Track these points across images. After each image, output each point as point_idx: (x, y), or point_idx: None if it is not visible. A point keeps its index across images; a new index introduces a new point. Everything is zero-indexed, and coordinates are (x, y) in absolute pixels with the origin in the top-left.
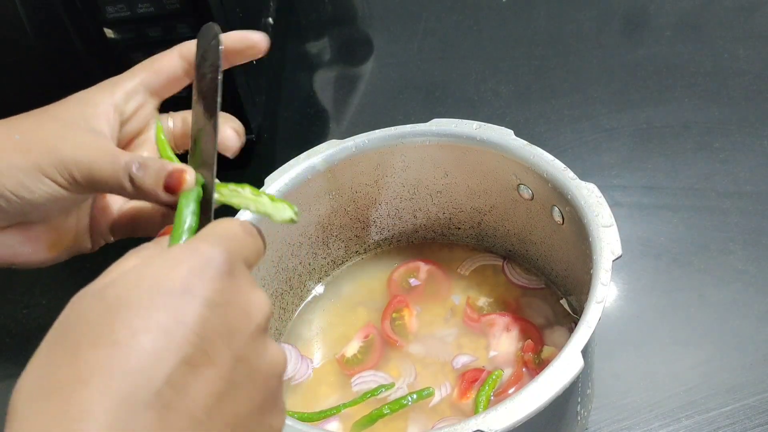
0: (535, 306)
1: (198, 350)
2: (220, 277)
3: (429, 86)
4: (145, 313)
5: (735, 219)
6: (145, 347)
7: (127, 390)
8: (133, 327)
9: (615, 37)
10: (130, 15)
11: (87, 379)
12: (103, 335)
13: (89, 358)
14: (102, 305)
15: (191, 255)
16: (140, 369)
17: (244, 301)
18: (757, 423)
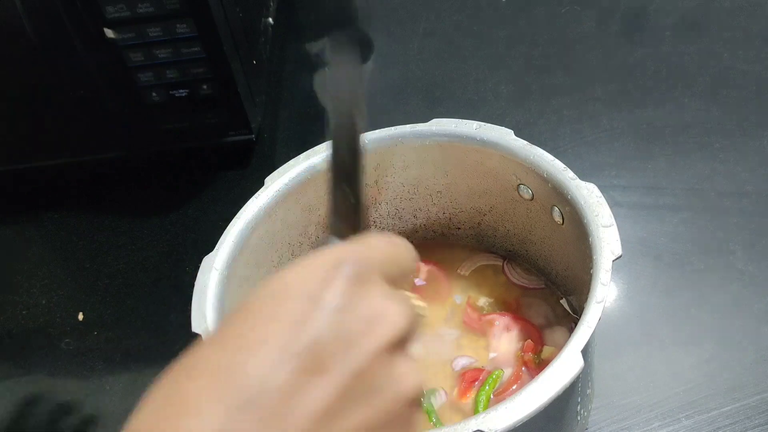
0: (535, 306)
1: (312, 356)
2: (345, 283)
3: (429, 86)
4: (266, 313)
5: (735, 219)
6: (257, 348)
7: (233, 387)
8: (253, 326)
9: (615, 37)
10: (130, 15)
11: (196, 373)
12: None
13: (207, 352)
14: (241, 308)
15: (323, 260)
16: (248, 369)
17: (371, 311)
18: (757, 423)
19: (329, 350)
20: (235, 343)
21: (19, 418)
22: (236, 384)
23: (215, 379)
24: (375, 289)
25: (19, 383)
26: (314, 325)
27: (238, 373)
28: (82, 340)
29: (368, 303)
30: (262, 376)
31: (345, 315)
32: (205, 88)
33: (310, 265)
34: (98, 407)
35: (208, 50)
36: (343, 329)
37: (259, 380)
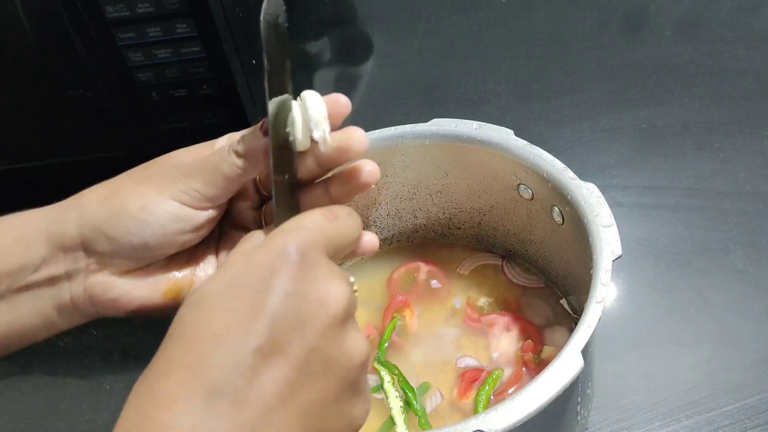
0: (535, 306)
1: (269, 340)
2: (291, 269)
3: (429, 86)
4: (221, 308)
5: (735, 219)
6: (218, 340)
7: (202, 380)
8: (210, 321)
9: (615, 37)
10: (130, 15)
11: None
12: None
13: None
14: (190, 303)
15: (265, 250)
16: (214, 362)
17: (319, 291)
18: (757, 423)
19: (285, 332)
20: (199, 339)
21: (18, 417)
22: (205, 377)
23: (186, 375)
24: (319, 271)
25: (18, 382)
26: (268, 311)
27: (205, 366)
28: (81, 339)
29: (315, 285)
30: (226, 366)
31: (295, 299)
32: (205, 88)
33: (257, 255)
34: (97, 406)
35: (208, 50)
36: (295, 312)
37: (224, 370)
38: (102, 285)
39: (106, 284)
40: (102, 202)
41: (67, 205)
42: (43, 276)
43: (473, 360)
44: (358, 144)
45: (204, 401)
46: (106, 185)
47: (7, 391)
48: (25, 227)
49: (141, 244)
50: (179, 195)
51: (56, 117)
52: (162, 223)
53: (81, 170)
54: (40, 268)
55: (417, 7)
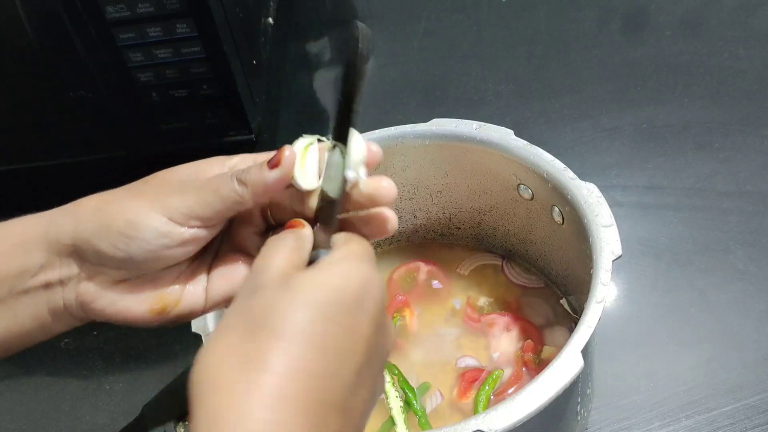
0: (535, 306)
1: (365, 362)
2: (380, 299)
3: (429, 86)
4: (331, 318)
5: (735, 219)
6: (333, 349)
7: (316, 388)
8: (321, 330)
9: (615, 37)
10: (130, 15)
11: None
12: (295, 330)
13: (280, 350)
14: (292, 301)
15: (359, 274)
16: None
17: (388, 322)
18: (757, 423)
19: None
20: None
21: (19, 418)
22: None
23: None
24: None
25: (18, 383)
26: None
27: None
28: (81, 339)
29: (387, 315)
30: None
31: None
32: (205, 88)
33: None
34: (98, 406)
35: (208, 50)
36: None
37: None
38: (92, 294)
39: (95, 293)
40: (94, 213)
41: (64, 212)
42: (40, 281)
43: (473, 360)
44: (388, 194)
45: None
46: (104, 196)
47: (8, 392)
48: (25, 232)
49: (126, 258)
50: (167, 210)
51: (56, 117)
52: (147, 238)
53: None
54: (38, 273)
55: (417, 7)
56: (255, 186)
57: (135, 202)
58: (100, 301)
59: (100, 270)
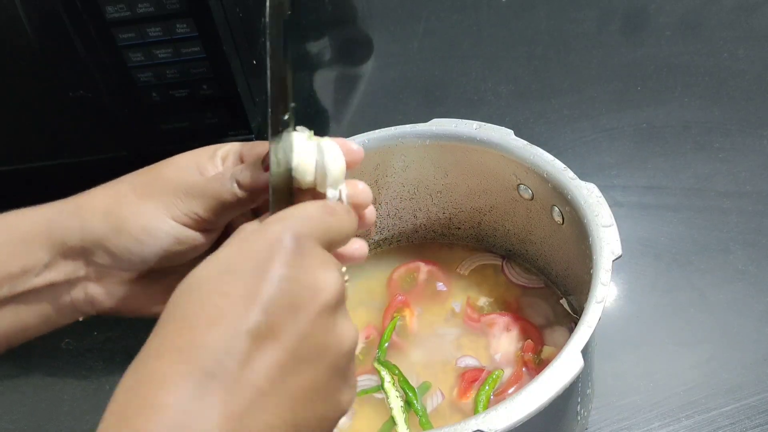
0: (535, 306)
1: (263, 325)
2: (286, 255)
3: (429, 86)
4: (215, 291)
5: (735, 219)
6: (212, 324)
7: (195, 363)
8: (204, 305)
9: (615, 37)
10: (130, 15)
11: (161, 353)
12: (181, 314)
13: (166, 334)
14: (185, 288)
15: (260, 236)
16: (207, 344)
17: (312, 278)
18: (757, 423)
19: (278, 317)
20: (192, 322)
21: (20, 418)
22: (198, 359)
23: (178, 357)
24: (313, 259)
25: (19, 383)
26: (262, 296)
27: (198, 349)
28: (82, 340)
29: (309, 272)
30: (219, 350)
31: (289, 284)
32: (205, 88)
33: (251, 241)
34: (98, 406)
35: (208, 50)
36: (289, 297)
37: (217, 353)
38: (102, 294)
39: (107, 294)
40: (105, 217)
41: (68, 210)
42: (45, 281)
43: (473, 360)
44: (366, 198)
45: (196, 383)
46: (110, 195)
47: (8, 392)
48: (25, 229)
49: (140, 261)
50: (180, 216)
51: (56, 118)
52: (162, 244)
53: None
54: (42, 273)
55: (417, 7)
56: (254, 187)
57: (146, 205)
58: (111, 300)
59: (108, 272)
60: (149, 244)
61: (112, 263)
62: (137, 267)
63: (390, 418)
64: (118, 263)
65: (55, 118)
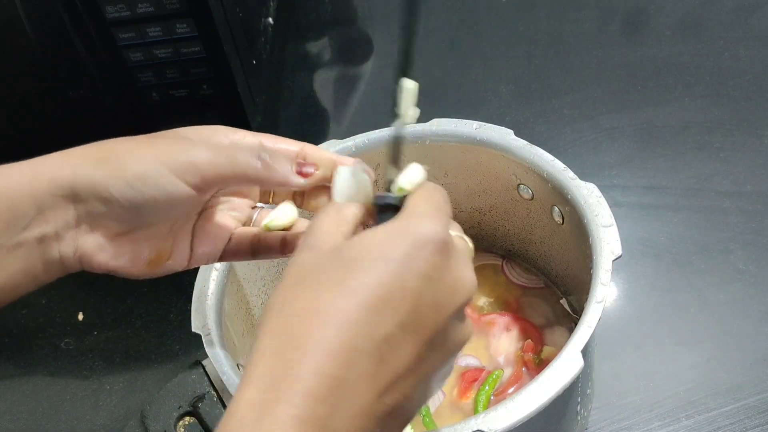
0: (535, 306)
1: (411, 318)
2: (436, 255)
3: (429, 86)
4: (373, 273)
5: (735, 219)
6: (371, 302)
7: (353, 335)
8: (364, 282)
9: (615, 37)
10: (130, 15)
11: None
12: (339, 283)
13: (326, 299)
14: (339, 260)
15: (414, 229)
16: (367, 322)
17: (454, 279)
18: (757, 423)
19: (424, 314)
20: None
21: (19, 418)
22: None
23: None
24: (457, 261)
25: (19, 383)
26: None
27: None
28: (81, 339)
29: (453, 273)
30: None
31: (437, 284)
32: (205, 88)
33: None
34: (98, 406)
35: (208, 50)
36: (435, 296)
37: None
38: (93, 247)
39: (97, 247)
40: (98, 163)
41: (53, 163)
42: (33, 235)
43: (474, 359)
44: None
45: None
46: (102, 146)
47: (8, 393)
48: (7, 183)
49: (134, 210)
50: (181, 172)
51: (56, 117)
52: (156, 195)
53: None
54: (29, 227)
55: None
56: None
57: (147, 154)
58: (102, 254)
59: (101, 222)
60: (143, 193)
61: (105, 211)
62: (130, 217)
63: None
64: (112, 211)
65: (55, 119)
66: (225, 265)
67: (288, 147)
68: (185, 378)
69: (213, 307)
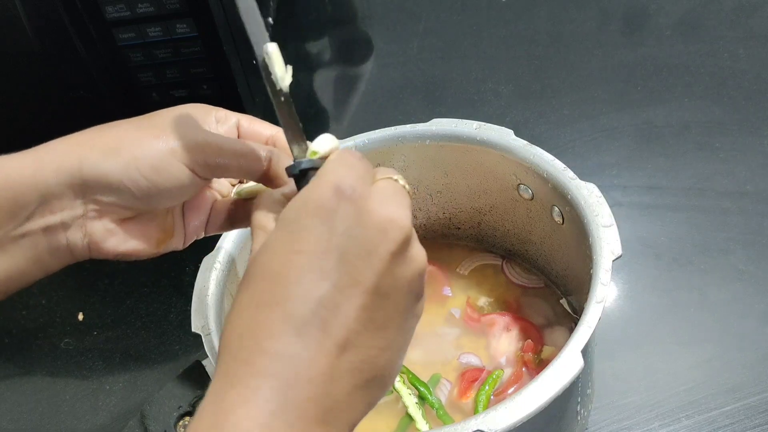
0: (535, 306)
1: (341, 275)
2: (348, 205)
3: (429, 86)
4: (290, 250)
5: (735, 218)
6: (297, 279)
7: (290, 312)
8: (284, 263)
9: (615, 37)
10: (130, 15)
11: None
12: (265, 272)
13: (261, 291)
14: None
15: (321, 191)
16: (298, 296)
17: (378, 219)
18: (757, 423)
19: (354, 265)
20: (280, 279)
21: (19, 419)
22: (294, 311)
23: (278, 310)
24: (372, 201)
25: (19, 383)
26: (333, 249)
27: (293, 302)
28: (81, 340)
29: (371, 215)
30: (310, 301)
31: (355, 232)
32: (205, 88)
33: (311, 198)
34: (97, 406)
35: (208, 50)
36: (358, 244)
37: (308, 304)
38: (102, 233)
39: (107, 232)
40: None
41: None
42: (39, 225)
43: (475, 357)
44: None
45: (297, 330)
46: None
47: (8, 393)
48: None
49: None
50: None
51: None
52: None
53: None
54: (32, 217)
55: (417, 6)
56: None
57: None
58: (111, 240)
59: (110, 209)
60: (156, 183)
61: (115, 200)
62: (140, 204)
63: (406, 415)
64: (122, 200)
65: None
66: (225, 265)
67: (262, 130)
68: (185, 378)
69: (213, 307)
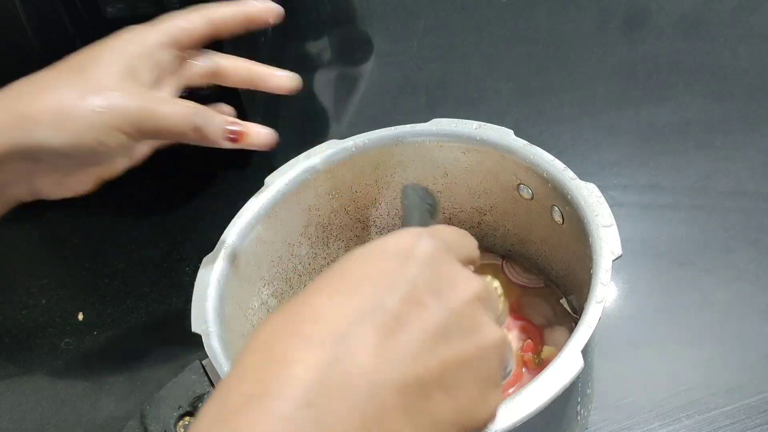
0: (535, 306)
1: (411, 296)
2: (432, 249)
3: (429, 86)
4: (374, 263)
5: (736, 218)
6: (372, 287)
7: (359, 308)
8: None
9: (616, 36)
10: (130, 15)
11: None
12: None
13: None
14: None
15: (406, 234)
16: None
17: (452, 273)
18: (758, 423)
19: (424, 292)
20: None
21: (19, 419)
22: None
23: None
24: (454, 264)
25: (19, 383)
26: (409, 273)
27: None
28: (81, 340)
29: (450, 268)
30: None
31: (433, 270)
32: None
33: (396, 235)
34: (97, 406)
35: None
36: (432, 281)
37: (373, 302)
38: (50, 186)
39: (53, 184)
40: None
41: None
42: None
43: None
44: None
45: (359, 325)
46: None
47: (7, 393)
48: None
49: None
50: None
51: None
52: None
53: None
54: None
55: (417, 6)
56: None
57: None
58: (60, 190)
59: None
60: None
61: (60, 162)
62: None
63: None
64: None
65: None
66: (225, 265)
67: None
68: (185, 378)
69: (213, 307)
